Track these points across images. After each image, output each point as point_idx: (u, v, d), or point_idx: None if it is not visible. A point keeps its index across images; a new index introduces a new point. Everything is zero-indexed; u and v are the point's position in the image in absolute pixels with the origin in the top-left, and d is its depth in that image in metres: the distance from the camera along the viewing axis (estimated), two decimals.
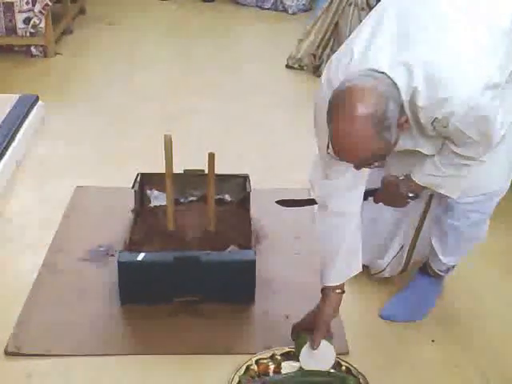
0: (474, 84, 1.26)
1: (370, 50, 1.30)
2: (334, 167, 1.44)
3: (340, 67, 1.34)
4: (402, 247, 1.84)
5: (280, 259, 1.99)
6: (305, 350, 1.52)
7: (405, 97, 1.26)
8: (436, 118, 1.29)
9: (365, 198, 1.67)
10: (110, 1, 4.51)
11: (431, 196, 1.69)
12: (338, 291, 1.54)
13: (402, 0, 1.37)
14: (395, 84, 1.25)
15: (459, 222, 1.63)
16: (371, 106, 1.20)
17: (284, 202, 1.85)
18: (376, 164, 1.30)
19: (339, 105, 1.23)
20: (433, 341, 1.73)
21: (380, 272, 1.90)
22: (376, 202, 1.65)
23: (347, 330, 1.72)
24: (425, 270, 1.82)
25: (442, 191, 1.52)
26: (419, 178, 1.50)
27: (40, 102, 2.79)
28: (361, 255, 1.57)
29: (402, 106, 1.26)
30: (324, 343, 1.51)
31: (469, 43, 1.29)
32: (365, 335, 1.74)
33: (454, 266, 1.80)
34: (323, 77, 1.40)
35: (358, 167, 1.32)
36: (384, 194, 1.61)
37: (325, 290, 1.55)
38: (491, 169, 1.50)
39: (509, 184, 1.62)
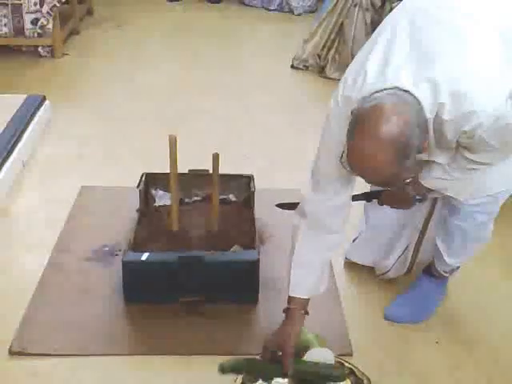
0: (498, 95, 1.25)
1: (387, 69, 1.26)
2: (330, 184, 1.42)
3: (357, 86, 1.30)
4: (407, 248, 1.84)
5: (284, 259, 1.98)
6: (305, 357, 1.51)
7: (430, 114, 1.23)
8: (463, 130, 1.27)
9: (369, 201, 1.67)
10: (116, 2, 4.53)
11: (436, 198, 1.68)
12: (302, 312, 1.50)
13: (412, 16, 1.34)
14: (420, 104, 1.22)
15: (465, 223, 1.63)
16: (397, 130, 1.16)
17: (284, 205, 1.85)
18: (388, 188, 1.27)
19: (364, 122, 1.18)
20: (437, 342, 1.72)
21: (385, 273, 1.90)
22: (381, 204, 1.65)
23: (351, 331, 1.72)
24: (429, 270, 1.81)
25: (449, 193, 1.52)
26: (427, 181, 1.49)
27: (47, 102, 2.80)
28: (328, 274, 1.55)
29: (425, 130, 1.23)
30: (323, 349, 1.51)
31: (486, 54, 1.28)
32: (369, 336, 1.74)
33: (458, 267, 1.79)
34: (338, 94, 1.35)
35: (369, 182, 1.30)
36: (389, 196, 1.61)
37: (289, 311, 1.50)
38: (497, 171, 1.50)
39: None
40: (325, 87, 3.25)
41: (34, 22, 3.40)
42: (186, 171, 2.05)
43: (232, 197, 2.13)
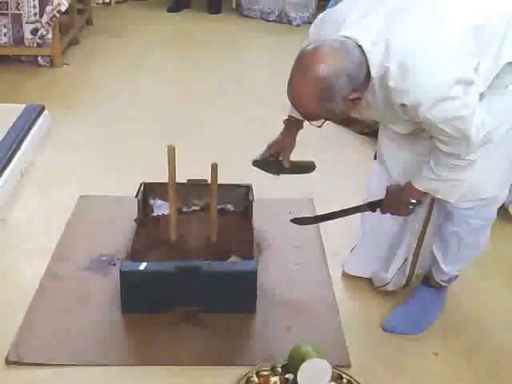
0: (443, 77, 1.29)
1: (362, 20, 1.36)
2: None
3: (333, 30, 1.41)
4: (406, 260, 1.84)
5: (281, 269, 1.99)
6: (302, 367, 1.51)
7: (376, 74, 1.33)
8: (404, 104, 1.33)
9: (373, 210, 1.69)
10: (116, 12, 4.55)
11: (432, 206, 1.69)
12: (298, 123, 1.73)
13: None
14: (365, 59, 1.31)
15: (460, 228, 1.64)
16: (323, 73, 1.29)
17: (298, 220, 1.86)
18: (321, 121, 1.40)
19: (302, 59, 1.34)
20: (435, 354, 1.72)
21: (384, 285, 1.89)
22: (383, 212, 1.67)
23: (349, 343, 1.72)
24: (427, 281, 1.81)
25: (439, 196, 1.54)
26: (418, 183, 1.53)
27: (46, 112, 2.81)
28: None
29: (356, 83, 1.33)
30: (320, 360, 1.51)
31: (450, 38, 1.32)
32: (367, 348, 1.73)
33: (456, 277, 1.79)
34: (318, 29, 1.52)
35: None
36: (388, 203, 1.64)
37: (289, 121, 1.75)
38: (488, 174, 1.53)
39: (507, 190, 1.63)
40: None
41: (34, 31, 3.42)
42: (185, 181, 2.06)
43: (230, 207, 2.14)
